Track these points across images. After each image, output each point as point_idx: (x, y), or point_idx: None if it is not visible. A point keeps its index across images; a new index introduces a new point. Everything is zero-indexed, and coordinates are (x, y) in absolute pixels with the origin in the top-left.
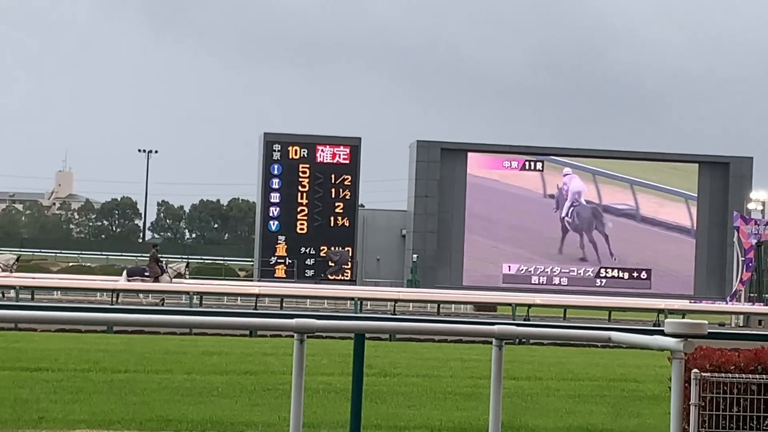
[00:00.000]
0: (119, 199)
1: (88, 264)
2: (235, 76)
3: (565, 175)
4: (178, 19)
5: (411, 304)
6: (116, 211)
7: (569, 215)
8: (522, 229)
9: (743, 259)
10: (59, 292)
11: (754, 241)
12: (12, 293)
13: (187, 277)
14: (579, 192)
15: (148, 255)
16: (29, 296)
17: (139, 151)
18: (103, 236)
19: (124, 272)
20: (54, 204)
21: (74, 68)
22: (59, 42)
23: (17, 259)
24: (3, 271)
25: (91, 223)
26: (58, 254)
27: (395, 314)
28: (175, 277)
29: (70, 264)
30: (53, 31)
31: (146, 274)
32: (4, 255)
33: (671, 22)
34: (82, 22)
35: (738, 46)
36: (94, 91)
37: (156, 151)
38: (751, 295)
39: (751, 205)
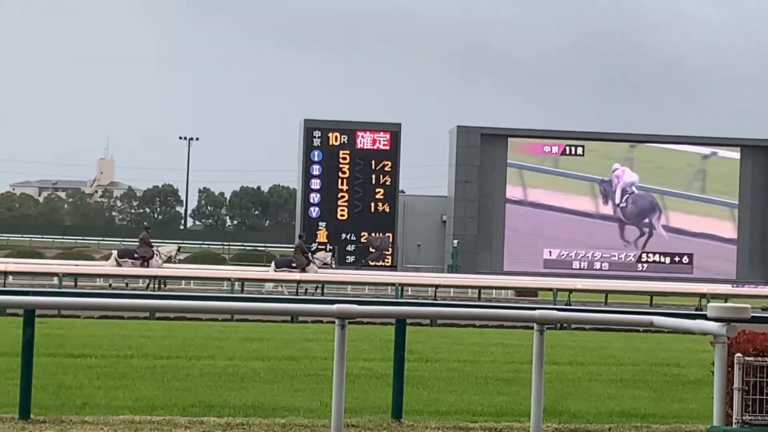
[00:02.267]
0: (161, 187)
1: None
2: (276, 62)
3: (614, 170)
4: (218, 7)
5: (452, 289)
6: (158, 199)
7: (623, 201)
8: (563, 214)
9: None
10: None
11: None
12: (182, 284)
13: (334, 266)
14: (633, 182)
15: (294, 246)
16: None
17: (180, 138)
18: (144, 223)
19: (273, 263)
20: (96, 192)
21: (114, 56)
22: (100, 30)
23: (179, 249)
24: (166, 261)
25: (133, 211)
26: (100, 241)
27: (436, 299)
28: (320, 267)
29: (113, 251)
30: (93, 20)
31: (293, 264)
32: (166, 246)
33: (712, 1)
34: (122, 10)
35: None
36: (135, 79)
37: (197, 139)
38: None
39: None
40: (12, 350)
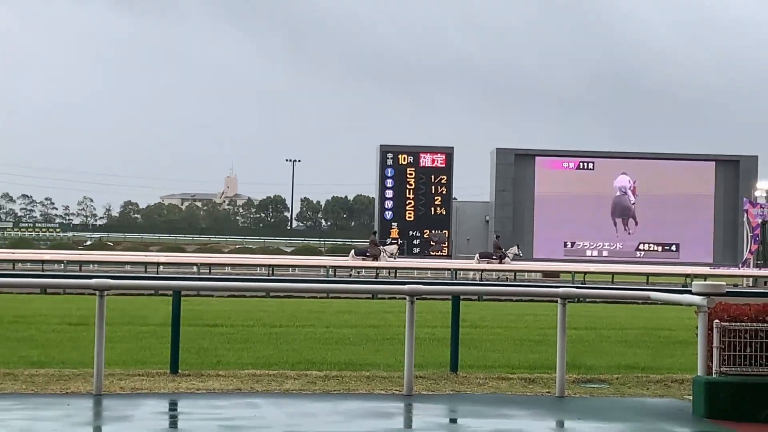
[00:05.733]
0: (272, 197)
1: (250, 246)
2: (359, 98)
3: (619, 176)
4: (315, 55)
5: (493, 272)
6: (270, 206)
7: (613, 204)
8: (578, 213)
9: (751, 234)
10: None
11: (759, 220)
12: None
13: (510, 258)
14: (624, 188)
15: (492, 246)
16: (207, 271)
17: (287, 160)
18: (260, 225)
19: (477, 255)
20: (224, 201)
21: (234, 95)
22: (219, 75)
23: (399, 247)
24: (390, 257)
25: (251, 216)
26: (227, 239)
27: (482, 281)
28: (513, 258)
29: (237, 246)
30: (211, 66)
31: (494, 257)
32: (390, 247)
33: (696, 45)
34: (234, 59)
35: (749, 64)
36: (251, 113)
37: (299, 160)
38: (758, 262)
39: (757, 193)
40: (164, 322)
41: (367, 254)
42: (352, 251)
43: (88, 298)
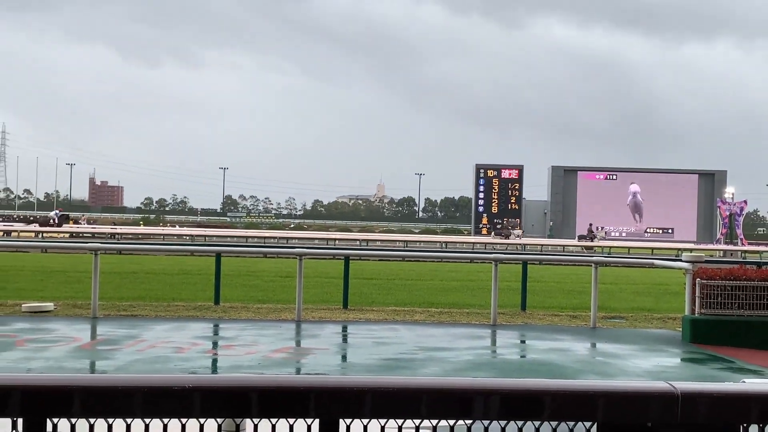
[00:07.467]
0: (406, 197)
1: (392, 229)
2: (459, 131)
3: (631, 185)
4: (428, 101)
5: (550, 246)
6: (405, 203)
7: (629, 202)
8: (606, 208)
9: (722, 222)
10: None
11: (728, 213)
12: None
13: (599, 238)
14: (635, 192)
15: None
16: (365, 244)
17: (415, 174)
18: (398, 215)
19: (577, 237)
20: (376, 200)
21: (380, 131)
22: (370, 116)
23: (522, 231)
24: (517, 238)
25: (393, 209)
26: (378, 224)
27: (542, 252)
28: (601, 238)
29: (383, 228)
30: (365, 111)
31: (587, 237)
32: (516, 230)
33: (689, 93)
34: (379, 106)
35: (725, 106)
36: (393, 143)
37: (423, 174)
38: (726, 241)
39: (726, 195)
40: (338, 276)
41: (502, 234)
42: (493, 232)
43: (291, 261)
